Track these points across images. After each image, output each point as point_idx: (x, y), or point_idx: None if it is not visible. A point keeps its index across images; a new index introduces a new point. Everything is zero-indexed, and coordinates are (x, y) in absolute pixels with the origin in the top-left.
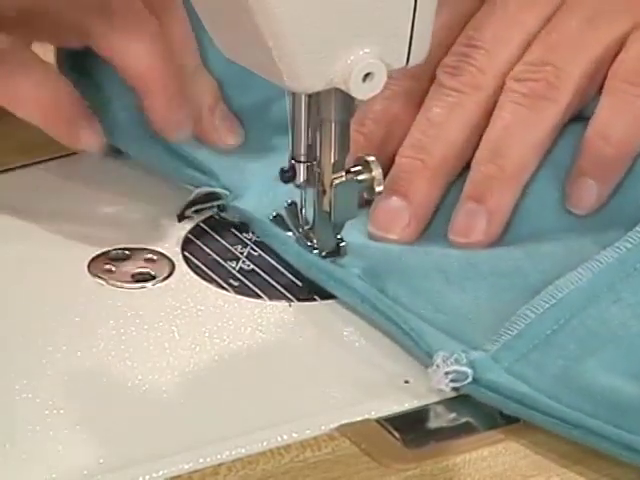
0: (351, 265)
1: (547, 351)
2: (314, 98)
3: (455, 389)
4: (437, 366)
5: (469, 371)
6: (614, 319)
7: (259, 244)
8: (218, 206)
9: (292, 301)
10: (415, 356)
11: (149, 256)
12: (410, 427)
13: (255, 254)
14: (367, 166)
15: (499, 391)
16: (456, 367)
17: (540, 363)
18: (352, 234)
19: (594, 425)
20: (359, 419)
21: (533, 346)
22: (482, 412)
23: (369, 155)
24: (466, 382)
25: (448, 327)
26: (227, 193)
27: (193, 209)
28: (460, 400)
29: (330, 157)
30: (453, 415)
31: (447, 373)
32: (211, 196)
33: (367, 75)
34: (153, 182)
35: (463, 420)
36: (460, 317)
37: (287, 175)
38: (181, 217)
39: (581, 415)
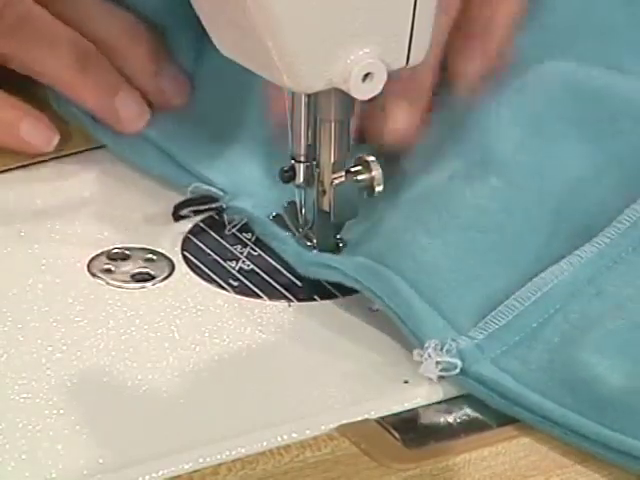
0: (348, 254)
1: (532, 345)
2: (313, 98)
3: (441, 377)
4: (429, 355)
5: (458, 362)
6: (595, 310)
7: (259, 244)
8: (216, 208)
9: (292, 301)
10: (407, 341)
11: (149, 256)
12: (410, 427)
13: (255, 254)
14: (367, 166)
15: (485, 384)
16: (447, 358)
17: (525, 357)
18: (352, 231)
19: (577, 422)
20: (359, 419)
21: (519, 338)
22: (482, 412)
23: (369, 155)
24: (454, 372)
25: (433, 296)
26: (223, 195)
27: (189, 209)
28: (460, 400)
29: (330, 157)
30: (453, 415)
31: (438, 363)
32: (208, 198)
33: (367, 75)
34: (153, 182)
35: (463, 420)
36: (442, 281)
37: (287, 175)
38: (176, 216)
39: (564, 411)
